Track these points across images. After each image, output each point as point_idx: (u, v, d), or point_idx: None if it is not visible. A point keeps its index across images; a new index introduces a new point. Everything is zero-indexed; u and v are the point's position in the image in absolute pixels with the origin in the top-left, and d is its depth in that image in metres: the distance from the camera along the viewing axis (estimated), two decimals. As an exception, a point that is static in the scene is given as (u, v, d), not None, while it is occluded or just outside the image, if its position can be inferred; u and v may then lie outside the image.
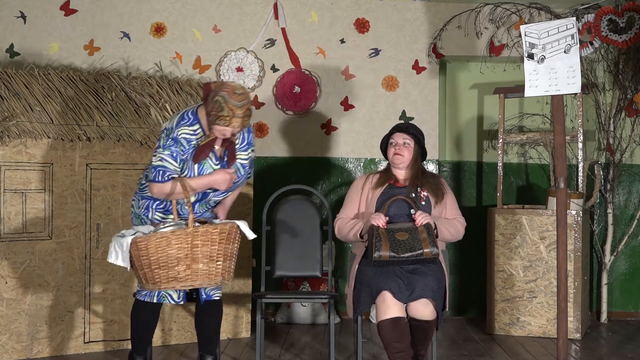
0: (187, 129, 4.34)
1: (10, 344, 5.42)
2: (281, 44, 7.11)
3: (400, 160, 4.90)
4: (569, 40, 4.90)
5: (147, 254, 4.10)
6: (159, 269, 4.11)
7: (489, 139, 7.32)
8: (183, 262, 4.09)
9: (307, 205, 5.55)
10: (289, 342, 6.15)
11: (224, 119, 4.19)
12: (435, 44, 7.08)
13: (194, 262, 4.10)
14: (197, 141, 4.35)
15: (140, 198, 4.55)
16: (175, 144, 4.32)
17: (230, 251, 4.22)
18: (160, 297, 4.53)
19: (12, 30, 6.99)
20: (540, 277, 6.32)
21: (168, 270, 4.10)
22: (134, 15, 7.05)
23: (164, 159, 4.32)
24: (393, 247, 4.61)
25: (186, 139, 4.34)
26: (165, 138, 4.35)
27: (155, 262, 4.09)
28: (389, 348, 4.60)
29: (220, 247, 4.15)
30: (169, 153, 4.32)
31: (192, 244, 4.09)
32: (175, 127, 4.35)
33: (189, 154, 4.35)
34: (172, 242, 4.07)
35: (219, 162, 4.44)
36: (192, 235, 4.09)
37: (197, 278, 4.13)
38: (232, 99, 4.17)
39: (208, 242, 4.12)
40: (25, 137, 5.44)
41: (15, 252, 5.45)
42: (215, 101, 4.21)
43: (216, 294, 4.64)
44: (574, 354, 5.84)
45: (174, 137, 4.32)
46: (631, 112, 6.96)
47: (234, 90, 4.20)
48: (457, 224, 4.90)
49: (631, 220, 7.14)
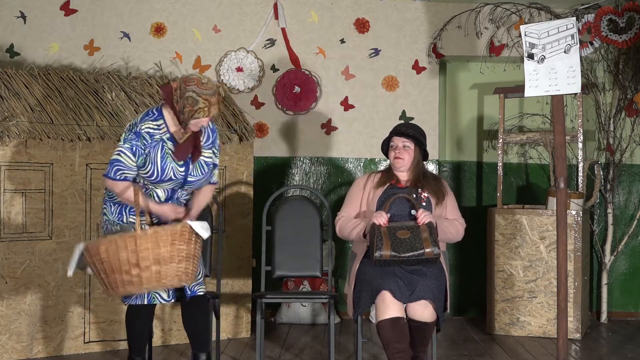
0: (151, 124, 4.41)
1: (10, 344, 5.42)
2: (281, 44, 7.11)
3: (400, 164, 4.90)
4: (569, 40, 4.90)
5: (100, 259, 4.07)
6: (113, 274, 4.07)
7: (489, 139, 7.32)
8: (135, 266, 4.04)
9: (307, 205, 5.55)
10: (289, 342, 6.15)
11: (202, 110, 4.28)
12: (435, 44, 7.08)
13: (145, 265, 4.04)
14: (160, 135, 4.40)
15: (112, 204, 4.55)
16: (137, 137, 4.37)
17: (187, 252, 4.17)
18: (150, 298, 4.52)
19: (12, 30, 6.99)
20: (540, 277, 6.32)
21: (122, 274, 4.06)
22: (134, 15, 7.05)
23: (121, 152, 4.36)
24: (394, 247, 4.60)
25: (149, 132, 4.39)
26: (128, 132, 4.41)
27: (110, 268, 4.06)
28: (388, 348, 4.60)
29: (172, 248, 4.10)
30: (129, 146, 4.36)
31: (141, 247, 4.03)
32: (139, 121, 4.42)
33: (152, 148, 4.39)
34: (120, 246, 4.04)
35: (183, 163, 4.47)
36: (141, 238, 4.05)
37: (152, 281, 4.09)
38: (203, 89, 4.28)
39: (159, 245, 4.06)
40: (25, 137, 5.44)
41: (15, 252, 5.45)
42: (187, 97, 4.28)
43: (200, 290, 4.62)
44: (574, 354, 5.84)
45: (137, 132, 4.38)
46: (631, 112, 6.96)
47: (200, 80, 4.30)
48: (458, 225, 4.90)
49: (631, 220, 7.14)
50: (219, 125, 6.21)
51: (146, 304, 4.52)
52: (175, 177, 4.46)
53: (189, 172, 4.48)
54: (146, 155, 4.38)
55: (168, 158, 4.43)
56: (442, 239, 4.83)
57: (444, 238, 4.84)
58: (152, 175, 4.41)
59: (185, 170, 4.48)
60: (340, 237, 5.00)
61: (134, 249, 4.02)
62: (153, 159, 4.39)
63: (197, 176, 4.51)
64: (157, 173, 4.41)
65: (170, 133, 4.41)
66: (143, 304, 4.51)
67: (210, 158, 4.56)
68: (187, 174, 4.49)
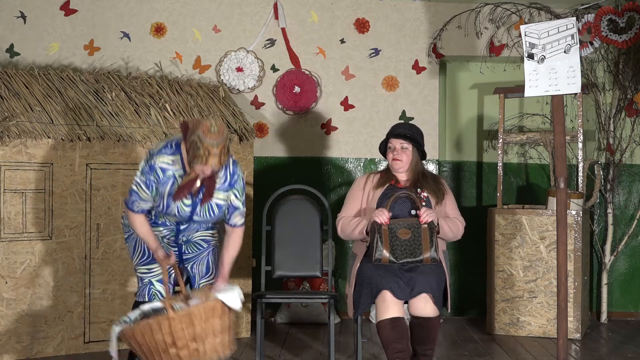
0: (166, 158, 4.39)
1: (10, 344, 5.42)
2: (281, 44, 7.11)
3: (399, 166, 4.90)
4: (569, 40, 4.90)
5: (137, 342, 4.10)
6: (152, 355, 4.10)
7: (489, 139, 7.32)
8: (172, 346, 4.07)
9: (307, 205, 5.55)
10: (289, 342, 6.15)
11: (200, 158, 4.21)
12: (435, 44, 7.08)
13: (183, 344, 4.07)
14: (173, 172, 4.38)
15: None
16: (150, 171, 4.38)
17: (221, 325, 4.18)
18: (151, 296, 4.53)
19: (12, 30, 6.99)
20: (540, 277, 6.32)
21: (161, 354, 4.09)
22: (134, 15, 7.05)
23: (138, 185, 4.41)
24: (393, 250, 4.62)
25: (162, 168, 4.38)
26: (145, 163, 4.43)
27: (147, 349, 4.10)
28: (388, 348, 4.60)
29: (207, 325, 4.11)
30: (144, 180, 4.39)
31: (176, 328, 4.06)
32: (156, 153, 4.41)
33: (162, 184, 4.39)
34: (155, 329, 4.06)
35: (191, 199, 4.45)
36: (174, 320, 4.06)
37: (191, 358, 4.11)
38: (207, 138, 4.19)
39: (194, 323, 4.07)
40: (25, 137, 5.44)
41: (15, 252, 5.45)
42: (192, 141, 4.23)
43: None
44: (574, 354, 5.84)
45: (151, 165, 4.39)
46: (631, 112, 6.96)
47: (209, 129, 4.21)
48: (458, 224, 4.91)
49: (631, 220, 7.14)
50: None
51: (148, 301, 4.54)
52: (179, 214, 4.47)
53: (195, 211, 4.48)
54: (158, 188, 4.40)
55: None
56: (443, 236, 4.84)
57: (444, 237, 4.85)
58: (159, 206, 4.45)
59: (192, 210, 4.48)
60: (342, 237, 5.00)
61: (169, 330, 4.04)
62: (162, 192, 4.40)
63: (203, 217, 4.50)
64: (162, 206, 4.44)
65: (185, 170, 4.38)
66: (144, 300, 4.53)
67: (225, 201, 4.49)
68: (193, 213, 4.49)
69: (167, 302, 4.10)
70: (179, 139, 4.44)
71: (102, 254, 5.73)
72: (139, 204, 4.43)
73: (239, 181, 4.51)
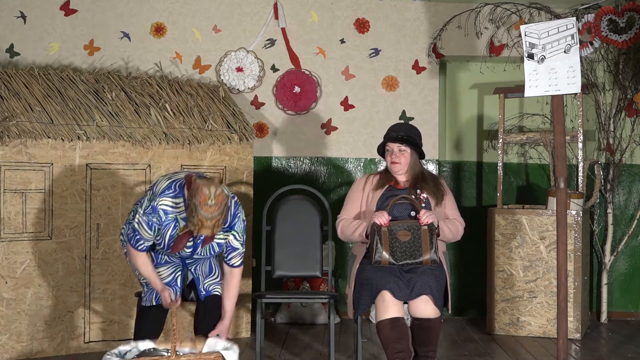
0: (169, 201, 4.37)
1: (10, 344, 5.42)
2: (281, 44, 7.11)
3: (397, 168, 4.91)
4: (569, 40, 4.90)
5: None
6: None
7: (489, 139, 7.32)
8: None
9: (307, 205, 5.55)
10: (289, 342, 6.15)
11: (195, 225, 4.19)
12: (435, 44, 7.08)
13: None
14: (176, 215, 4.37)
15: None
16: (153, 212, 4.36)
17: None
18: (157, 299, 4.54)
19: (12, 30, 6.99)
20: (540, 277, 6.32)
21: None
22: (134, 15, 7.05)
23: (140, 224, 4.39)
24: (393, 252, 4.62)
25: (165, 210, 4.36)
26: (148, 202, 4.40)
27: None
28: (388, 348, 4.59)
29: None
30: (146, 220, 4.37)
31: None
32: (159, 194, 4.38)
33: (164, 226, 4.38)
34: None
35: (192, 241, 4.47)
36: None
37: None
38: (202, 211, 4.15)
39: None
40: (25, 137, 5.44)
41: (15, 252, 5.45)
42: (189, 205, 4.21)
43: (215, 290, 4.64)
44: (574, 354, 5.84)
45: (154, 207, 4.36)
46: (631, 112, 6.96)
47: (206, 201, 4.15)
48: (458, 224, 4.91)
49: (631, 220, 7.14)
50: (218, 125, 6.22)
51: (155, 305, 4.54)
52: (179, 253, 4.49)
53: (195, 251, 4.52)
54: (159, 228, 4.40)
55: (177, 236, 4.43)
56: (443, 237, 4.84)
57: (443, 238, 4.85)
58: (160, 244, 4.46)
59: (193, 250, 4.51)
60: (342, 239, 5.01)
61: None
62: (163, 233, 4.41)
63: (203, 255, 4.55)
64: (163, 244, 4.46)
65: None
66: (152, 304, 4.53)
67: (224, 240, 4.51)
68: (194, 252, 4.52)
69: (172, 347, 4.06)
70: (182, 180, 4.41)
71: (102, 254, 5.73)
72: (141, 242, 4.42)
73: (239, 223, 4.50)
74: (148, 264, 4.48)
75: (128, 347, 4.18)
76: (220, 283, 4.66)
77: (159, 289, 4.48)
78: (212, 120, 6.23)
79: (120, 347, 4.14)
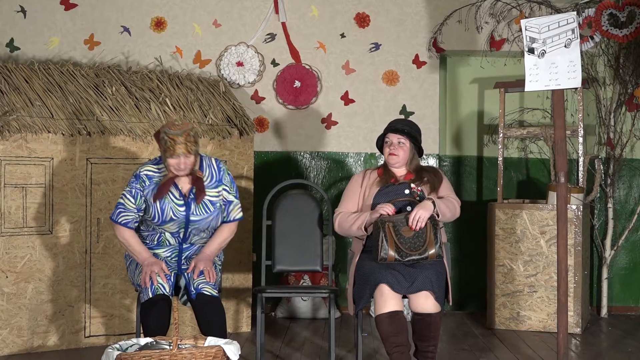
0: (151, 167, 4.62)
1: (11, 338, 5.43)
2: (281, 39, 7.11)
3: (395, 160, 4.91)
4: (570, 35, 4.90)
5: None
6: None
7: (489, 134, 7.32)
8: None
9: (308, 200, 5.54)
10: (289, 336, 6.16)
11: (169, 149, 4.42)
12: (436, 38, 7.07)
13: None
14: (159, 178, 4.56)
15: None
16: (136, 180, 4.59)
17: None
18: (154, 290, 4.52)
19: (12, 25, 6.98)
20: (541, 271, 6.32)
21: None
22: (134, 10, 7.05)
23: (124, 195, 4.59)
24: (398, 248, 4.62)
25: (148, 175, 4.59)
26: (131, 177, 4.62)
27: None
28: (387, 342, 4.60)
29: None
30: (129, 189, 4.59)
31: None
32: (141, 166, 4.64)
33: (149, 191, 4.55)
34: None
35: (183, 200, 4.56)
36: (177, 356, 4.02)
37: None
38: (171, 130, 4.42)
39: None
40: (26, 131, 5.44)
41: (16, 247, 5.45)
42: (161, 139, 4.47)
43: (205, 289, 4.59)
44: (574, 349, 5.84)
45: (137, 175, 4.60)
46: (631, 107, 6.96)
47: (172, 122, 4.47)
48: (453, 201, 4.88)
49: (631, 215, 7.14)
50: (218, 120, 6.21)
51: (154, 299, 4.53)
52: (175, 216, 4.55)
53: (190, 211, 4.57)
54: (146, 198, 4.54)
55: (167, 198, 4.55)
56: (442, 219, 4.81)
57: (443, 218, 4.82)
58: (154, 217, 4.56)
59: (187, 209, 4.56)
60: (339, 233, 5.00)
61: None
62: (150, 201, 4.54)
63: (200, 215, 4.60)
64: (157, 215, 4.55)
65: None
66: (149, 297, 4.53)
67: (217, 197, 4.63)
68: (188, 213, 4.56)
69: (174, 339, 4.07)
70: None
71: (103, 249, 5.74)
72: (123, 214, 4.55)
73: (225, 175, 4.66)
74: (134, 237, 4.60)
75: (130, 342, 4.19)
76: (213, 285, 4.63)
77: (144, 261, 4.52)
78: (212, 114, 6.23)
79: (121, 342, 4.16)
